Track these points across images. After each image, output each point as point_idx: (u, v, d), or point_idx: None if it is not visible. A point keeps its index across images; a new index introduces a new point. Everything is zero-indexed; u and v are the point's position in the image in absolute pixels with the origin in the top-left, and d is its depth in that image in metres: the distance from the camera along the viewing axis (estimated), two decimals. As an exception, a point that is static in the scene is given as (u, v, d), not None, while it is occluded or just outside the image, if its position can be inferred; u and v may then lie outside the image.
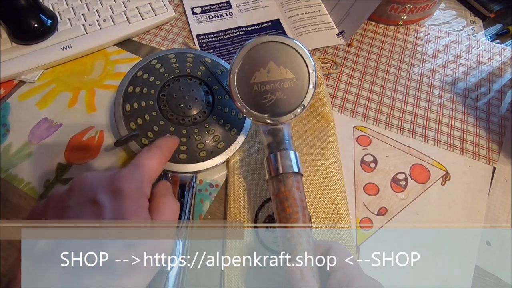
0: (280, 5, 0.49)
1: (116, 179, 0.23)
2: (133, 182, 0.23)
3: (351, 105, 0.40)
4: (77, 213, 0.22)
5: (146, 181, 0.24)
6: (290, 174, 0.27)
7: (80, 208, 0.22)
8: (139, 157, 0.25)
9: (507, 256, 0.32)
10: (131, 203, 0.22)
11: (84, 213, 0.21)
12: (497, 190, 0.35)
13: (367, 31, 0.48)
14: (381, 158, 0.36)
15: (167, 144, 0.28)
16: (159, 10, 0.45)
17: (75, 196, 0.23)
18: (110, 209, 0.21)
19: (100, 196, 0.22)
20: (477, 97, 0.42)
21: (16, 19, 0.39)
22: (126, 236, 0.21)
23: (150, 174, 0.25)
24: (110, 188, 0.22)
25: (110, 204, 0.21)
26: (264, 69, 0.29)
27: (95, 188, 0.22)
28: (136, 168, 0.24)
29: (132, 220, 0.21)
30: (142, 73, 0.35)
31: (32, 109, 0.38)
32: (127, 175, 0.23)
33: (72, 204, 0.22)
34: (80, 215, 0.22)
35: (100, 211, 0.21)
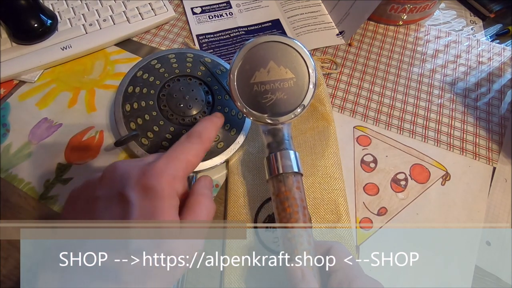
0: (280, 5, 0.49)
1: (148, 173, 0.21)
2: (165, 178, 0.21)
3: (351, 105, 0.40)
4: (105, 206, 0.21)
5: (180, 177, 0.23)
6: (290, 174, 0.27)
7: (109, 200, 0.21)
8: (176, 148, 0.24)
9: (507, 256, 0.32)
10: (159, 202, 0.21)
11: (112, 207, 0.21)
12: (497, 190, 0.35)
13: (367, 31, 0.48)
14: (381, 158, 0.36)
15: (208, 129, 0.26)
16: (159, 10, 0.45)
17: (105, 187, 0.22)
18: (137, 207, 0.20)
19: (129, 191, 0.21)
20: (477, 97, 0.42)
21: (16, 19, 0.39)
22: (152, 236, 0.20)
23: (185, 169, 0.23)
24: (140, 183, 0.21)
25: (137, 201, 0.21)
26: (264, 69, 0.29)
27: (125, 180, 0.21)
28: (170, 161, 0.22)
29: (162, 221, 0.21)
30: (142, 73, 0.35)
31: (32, 109, 0.38)
32: (160, 169, 0.22)
33: (102, 194, 0.22)
34: (108, 209, 0.21)
35: (127, 207, 0.20)
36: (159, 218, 0.21)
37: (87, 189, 0.23)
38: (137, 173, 0.22)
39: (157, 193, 0.21)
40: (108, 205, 0.21)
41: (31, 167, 0.34)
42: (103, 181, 0.22)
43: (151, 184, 0.21)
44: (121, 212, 0.21)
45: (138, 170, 0.22)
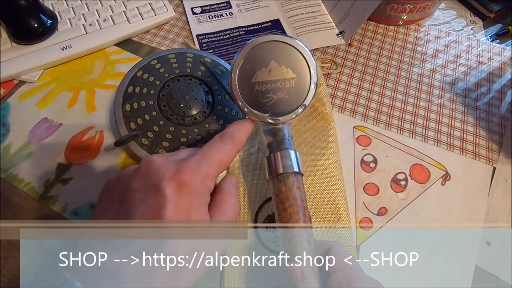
0: (280, 5, 0.49)
1: (183, 169, 0.22)
2: (199, 175, 0.23)
3: (351, 105, 0.40)
4: (141, 197, 0.22)
5: (213, 175, 0.24)
6: (290, 174, 0.27)
7: (145, 192, 0.22)
8: (210, 147, 0.25)
9: (507, 256, 0.32)
10: (193, 198, 0.22)
11: (148, 199, 0.22)
12: (497, 190, 0.35)
13: (367, 31, 0.48)
14: (381, 158, 0.36)
15: (240, 132, 0.27)
16: (159, 10, 0.45)
17: (141, 179, 0.23)
18: (172, 201, 0.21)
19: (165, 185, 0.22)
20: (477, 97, 0.42)
21: (16, 19, 0.39)
22: (183, 235, 0.21)
23: (218, 168, 0.24)
24: (175, 178, 0.22)
25: (173, 195, 0.21)
26: (265, 68, 0.29)
27: (161, 174, 0.22)
28: (204, 159, 0.24)
29: (192, 220, 0.22)
30: (142, 73, 0.35)
31: (32, 109, 0.38)
32: (194, 166, 0.23)
33: (137, 187, 0.22)
34: (143, 200, 0.22)
35: (162, 200, 0.21)
36: (193, 213, 0.22)
37: (123, 180, 0.24)
38: (172, 168, 0.23)
39: (191, 189, 0.22)
40: (144, 197, 0.22)
41: (31, 167, 0.34)
42: (139, 174, 0.23)
43: (186, 180, 0.22)
44: (156, 204, 0.21)
45: (173, 166, 0.23)
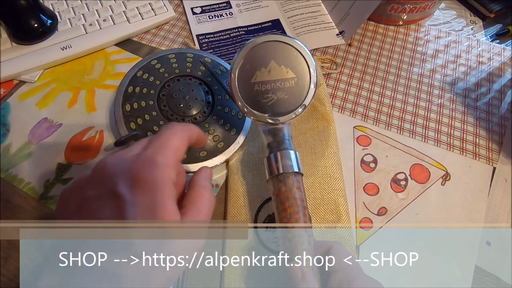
0: (280, 5, 0.49)
1: (138, 166, 0.20)
2: (157, 169, 0.20)
3: (351, 105, 0.40)
4: (98, 207, 0.20)
5: (172, 165, 0.21)
6: (290, 174, 0.27)
7: (102, 200, 0.20)
8: (160, 137, 0.22)
9: (507, 256, 0.32)
10: (156, 194, 0.20)
11: (106, 207, 0.20)
12: (497, 190, 0.35)
13: (367, 31, 0.48)
14: (381, 158, 0.36)
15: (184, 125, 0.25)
16: (159, 10, 0.45)
17: (95, 186, 0.21)
18: (133, 203, 0.19)
19: (121, 187, 0.20)
20: (477, 97, 0.42)
21: (16, 19, 0.39)
22: (154, 236, 0.19)
23: (175, 156, 0.22)
24: (131, 177, 0.20)
25: (132, 197, 0.19)
26: (265, 68, 0.29)
27: (115, 177, 0.20)
28: (158, 150, 0.21)
29: (161, 220, 0.19)
30: (142, 73, 0.35)
31: (32, 109, 0.38)
32: (149, 160, 0.20)
33: (93, 195, 0.21)
34: (101, 209, 0.20)
35: (122, 205, 0.19)
36: (160, 211, 0.20)
37: (77, 189, 0.22)
38: (127, 167, 0.20)
39: (151, 185, 0.20)
40: (101, 206, 0.20)
41: (31, 167, 0.34)
42: (93, 181, 0.21)
43: (143, 176, 0.20)
44: (115, 211, 0.19)
45: (127, 164, 0.21)
